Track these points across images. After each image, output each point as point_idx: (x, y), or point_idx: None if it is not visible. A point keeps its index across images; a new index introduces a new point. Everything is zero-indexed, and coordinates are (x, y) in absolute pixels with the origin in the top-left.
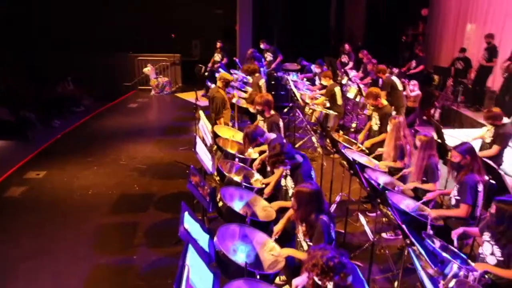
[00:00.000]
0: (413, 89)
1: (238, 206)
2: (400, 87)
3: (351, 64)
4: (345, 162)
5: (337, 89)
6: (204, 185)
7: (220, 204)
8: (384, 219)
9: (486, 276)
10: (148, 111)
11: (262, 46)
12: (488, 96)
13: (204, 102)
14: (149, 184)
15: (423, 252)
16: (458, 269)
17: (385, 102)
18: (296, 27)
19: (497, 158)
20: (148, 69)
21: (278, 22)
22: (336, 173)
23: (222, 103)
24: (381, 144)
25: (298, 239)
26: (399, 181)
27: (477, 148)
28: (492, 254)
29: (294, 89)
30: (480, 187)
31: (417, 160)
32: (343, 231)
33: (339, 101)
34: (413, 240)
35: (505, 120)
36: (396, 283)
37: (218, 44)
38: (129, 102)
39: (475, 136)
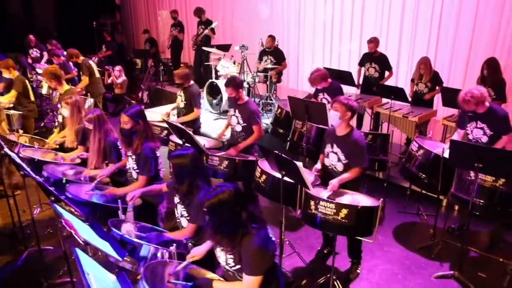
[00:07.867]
0: (120, 75)
1: None
2: (97, 73)
3: (46, 56)
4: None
5: (28, 82)
6: None
7: None
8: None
9: (190, 244)
10: None
11: None
12: None
13: None
14: None
15: (106, 248)
16: (155, 250)
17: (66, 87)
18: None
19: (195, 120)
20: None
21: None
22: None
23: None
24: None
25: None
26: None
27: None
28: (182, 216)
29: None
30: (158, 153)
31: (93, 143)
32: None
33: (32, 96)
34: (84, 240)
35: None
36: None
37: None
38: None
39: (173, 105)
